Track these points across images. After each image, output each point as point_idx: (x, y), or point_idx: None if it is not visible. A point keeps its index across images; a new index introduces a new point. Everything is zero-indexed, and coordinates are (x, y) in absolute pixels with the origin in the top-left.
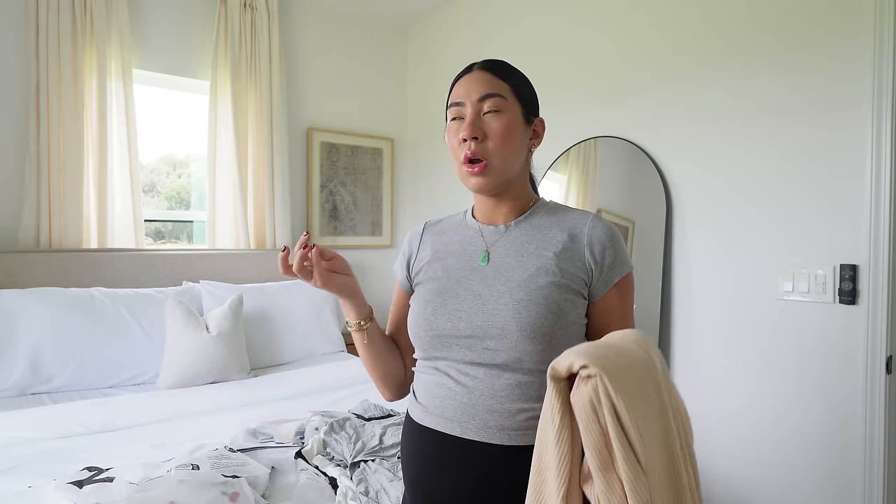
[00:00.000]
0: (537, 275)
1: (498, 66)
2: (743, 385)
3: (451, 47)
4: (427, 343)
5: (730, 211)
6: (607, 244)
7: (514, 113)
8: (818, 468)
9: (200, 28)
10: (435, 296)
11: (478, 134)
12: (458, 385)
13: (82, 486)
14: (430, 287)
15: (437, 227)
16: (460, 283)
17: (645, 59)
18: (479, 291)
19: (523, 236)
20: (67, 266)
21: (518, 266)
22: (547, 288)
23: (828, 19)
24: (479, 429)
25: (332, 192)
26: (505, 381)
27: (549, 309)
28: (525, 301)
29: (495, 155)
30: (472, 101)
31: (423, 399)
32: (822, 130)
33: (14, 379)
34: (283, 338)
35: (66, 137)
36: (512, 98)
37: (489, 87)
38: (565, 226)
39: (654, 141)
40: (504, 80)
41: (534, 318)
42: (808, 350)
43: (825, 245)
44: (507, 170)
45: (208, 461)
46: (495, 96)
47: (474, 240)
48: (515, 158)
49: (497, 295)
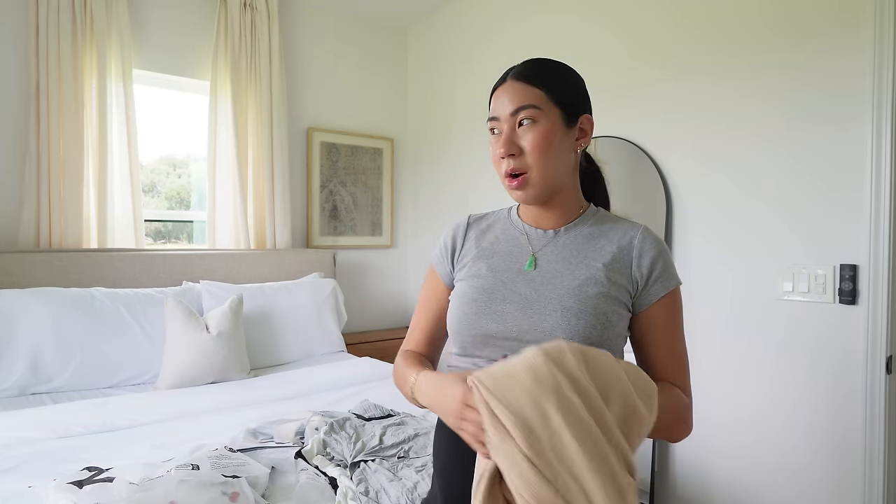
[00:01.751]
0: (587, 284)
1: (531, 73)
2: (743, 385)
3: (452, 47)
4: (468, 341)
5: (729, 211)
6: (657, 258)
7: (551, 120)
8: (818, 468)
9: (200, 28)
10: (480, 294)
11: (513, 150)
12: None
13: (82, 486)
14: (475, 285)
15: (483, 223)
16: (506, 284)
17: (644, 59)
18: (526, 295)
19: (572, 244)
20: (67, 266)
21: (567, 273)
22: (596, 298)
23: (828, 18)
24: None
25: (332, 192)
26: None
27: (597, 319)
28: (575, 309)
29: (534, 167)
30: (505, 115)
31: None
32: (821, 130)
33: (14, 379)
34: (283, 338)
35: (66, 137)
36: (548, 105)
37: (521, 100)
38: (614, 237)
39: (654, 141)
40: (539, 87)
41: (583, 327)
42: (808, 350)
43: (825, 245)
44: (548, 180)
45: (208, 461)
46: (528, 108)
47: (520, 242)
48: (557, 166)
49: (545, 300)
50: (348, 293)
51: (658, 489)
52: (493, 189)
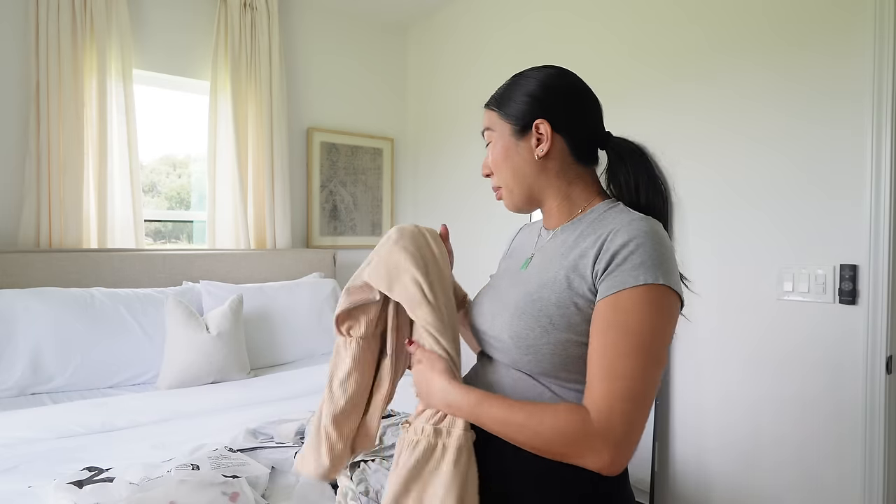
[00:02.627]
0: (545, 286)
1: (493, 98)
2: (743, 385)
3: (452, 47)
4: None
5: (729, 211)
6: (625, 244)
7: (502, 137)
8: (818, 468)
9: (200, 28)
10: (482, 290)
11: (486, 171)
12: (482, 368)
13: (82, 487)
14: (487, 282)
15: (527, 229)
16: (500, 280)
17: (644, 59)
18: (501, 295)
19: (561, 244)
20: (67, 266)
21: (538, 274)
22: (546, 301)
23: (828, 20)
24: None
25: (332, 192)
26: (511, 376)
27: (538, 322)
28: (521, 310)
29: (500, 182)
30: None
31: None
32: (821, 130)
33: (14, 379)
34: (283, 338)
35: (66, 137)
36: (499, 123)
37: (483, 124)
38: (602, 231)
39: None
40: (491, 108)
41: (521, 328)
42: (808, 350)
43: (825, 245)
44: (516, 190)
45: (208, 461)
46: (485, 131)
47: (531, 244)
48: (523, 176)
49: (507, 300)
50: None
51: (657, 489)
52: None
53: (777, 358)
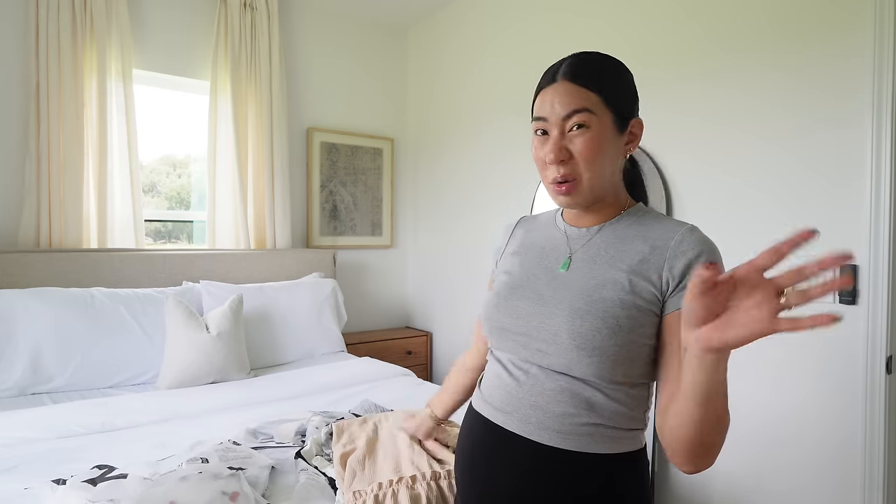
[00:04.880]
0: (604, 286)
1: (585, 73)
2: (742, 385)
3: (452, 47)
4: (489, 334)
5: (729, 211)
6: (693, 259)
7: (604, 125)
8: (818, 468)
9: (200, 28)
10: (503, 288)
11: (563, 157)
12: (511, 377)
13: (97, 484)
14: (503, 280)
15: (531, 223)
16: (530, 280)
17: (644, 59)
18: (543, 293)
19: (603, 243)
20: (67, 266)
21: (589, 274)
22: (610, 301)
23: (828, 20)
24: (519, 422)
25: (332, 192)
26: (555, 383)
27: (605, 323)
28: (583, 311)
29: (584, 174)
30: (555, 118)
31: (482, 386)
32: (821, 131)
33: (14, 379)
34: (283, 338)
35: (66, 137)
36: (601, 108)
37: (575, 103)
38: (650, 236)
39: (654, 140)
40: (592, 90)
41: (587, 329)
42: (808, 350)
43: (825, 245)
44: (597, 185)
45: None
46: (581, 112)
47: (558, 242)
48: (606, 172)
49: (557, 299)
50: (348, 293)
51: (658, 489)
52: (493, 189)
53: (777, 358)
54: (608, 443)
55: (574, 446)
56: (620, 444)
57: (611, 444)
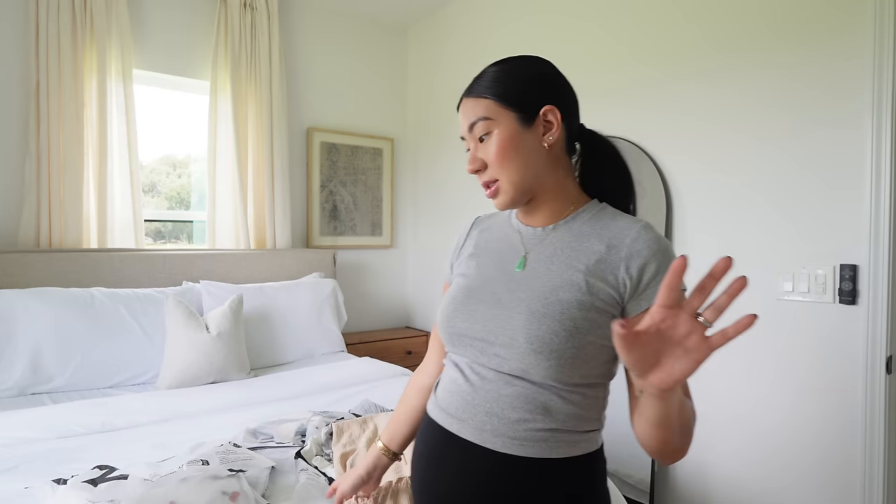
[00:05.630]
0: (561, 287)
1: (477, 86)
2: (743, 385)
3: (452, 47)
4: (446, 339)
5: (729, 211)
6: (650, 259)
7: (506, 126)
8: (818, 468)
9: (200, 28)
10: (460, 293)
11: (478, 166)
12: (467, 383)
13: (97, 485)
14: (460, 283)
15: (486, 223)
16: (487, 284)
17: (645, 58)
18: (501, 296)
19: (559, 242)
20: (67, 266)
21: (545, 275)
22: (567, 303)
23: (828, 21)
24: (475, 430)
25: (332, 192)
26: (511, 388)
27: (562, 326)
28: (540, 313)
29: (501, 176)
30: (465, 133)
31: (438, 391)
32: (821, 130)
33: (14, 379)
34: (283, 338)
35: (66, 137)
36: (498, 111)
37: (472, 115)
38: (605, 235)
39: (654, 140)
40: (485, 97)
41: (544, 332)
42: (808, 350)
43: (825, 245)
44: (518, 183)
45: (216, 456)
46: (480, 121)
47: (513, 242)
48: (527, 168)
49: (515, 302)
50: (348, 293)
51: (658, 489)
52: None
53: (777, 358)
54: (564, 447)
55: (530, 453)
56: (577, 447)
57: (567, 448)
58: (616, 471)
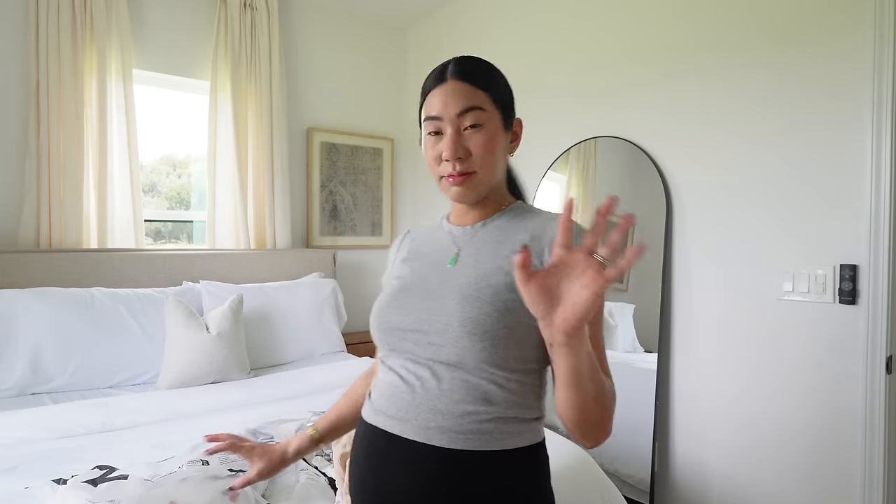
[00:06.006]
0: (491, 273)
1: (476, 74)
2: (743, 385)
3: (451, 47)
4: (380, 337)
5: (729, 211)
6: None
7: (495, 123)
8: (818, 468)
9: (200, 28)
10: (394, 290)
11: (461, 154)
12: (404, 383)
13: (97, 485)
14: (395, 284)
15: (417, 233)
16: (420, 280)
17: (646, 59)
18: (433, 288)
19: (487, 237)
20: (67, 266)
21: (475, 265)
22: (496, 286)
23: (827, 20)
24: (419, 429)
25: (332, 192)
26: (449, 381)
27: (493, 307)
28: (472, 297)
29: (481, 169)
30: (450, 116)
31: (374, 397)
32: (822, 130)
33: (14, 379)
34: (283, 338)
35: (66, 137)
36: (491, 107)
37: (468, 101)
38: (529, 227)
39: (654, 141)
40: (483, 89)
41: (477, 314)
42: (809, 350)
43: (825, 245)
44: (489, 181)
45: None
46: (475, 110)
47: (445, 243)
48: (498, 169)
49: (447, 290)
50: (348, 293)
51: (658, 489)
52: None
53: (777, 358)
54: (509, 438)
55: (476, 446)
56: (521, 438)
57: (512, 439)
58: (616, 471)
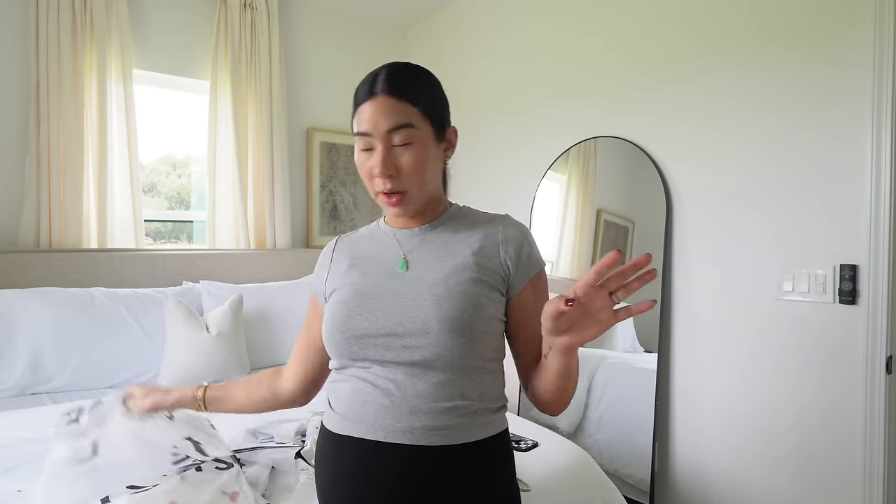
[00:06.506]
0: (456, 271)
1: (404, 88)
2: (743, 385)
3: (452, 48)
4: (343, 346)
5: (729, 211)
6: (522, 241)
7: (426, 138)
8: (818, 468)
9: (200, 28)
10: (352, 297)
11: (391, 171)
12: (378, 389)
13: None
14: (348, 290)
15: (351, 238)
16: (378, 284)
17: (647, 59)
18: (398, 290)
19: (438, 238)
20: (67, 266)
21: (436, 265)
22: (466, 283)
23: (827, 21)
24: (405, 432)
25: (332, 192)
26: (426, 381)
27: (468, 302)
28: (445, 295)
29: (411, 186)
30: (380, 134)
31: (340, 408)
32: (822, 131)
33: (14, 379)
34: (283, 338)
35: (66, 137)
36: (421, 121)
37: (397, 118)
38: (478, 226)
39: (655, 141)
40: (412, 104)
41: (454, 311)
42: (808, 350)
43: (825, 245)
44: (424, 195)
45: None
46: (404, 127)
47: (390, 245)
48: (431, 181)
49: (416, 292)
50: None
51: (657, 489)
52: (490, 189)
53: (777, 358)
54: (480, 428)
55: (456, 440)
56: (490, 427)
57: (483, 429)
58: (616, 471)
